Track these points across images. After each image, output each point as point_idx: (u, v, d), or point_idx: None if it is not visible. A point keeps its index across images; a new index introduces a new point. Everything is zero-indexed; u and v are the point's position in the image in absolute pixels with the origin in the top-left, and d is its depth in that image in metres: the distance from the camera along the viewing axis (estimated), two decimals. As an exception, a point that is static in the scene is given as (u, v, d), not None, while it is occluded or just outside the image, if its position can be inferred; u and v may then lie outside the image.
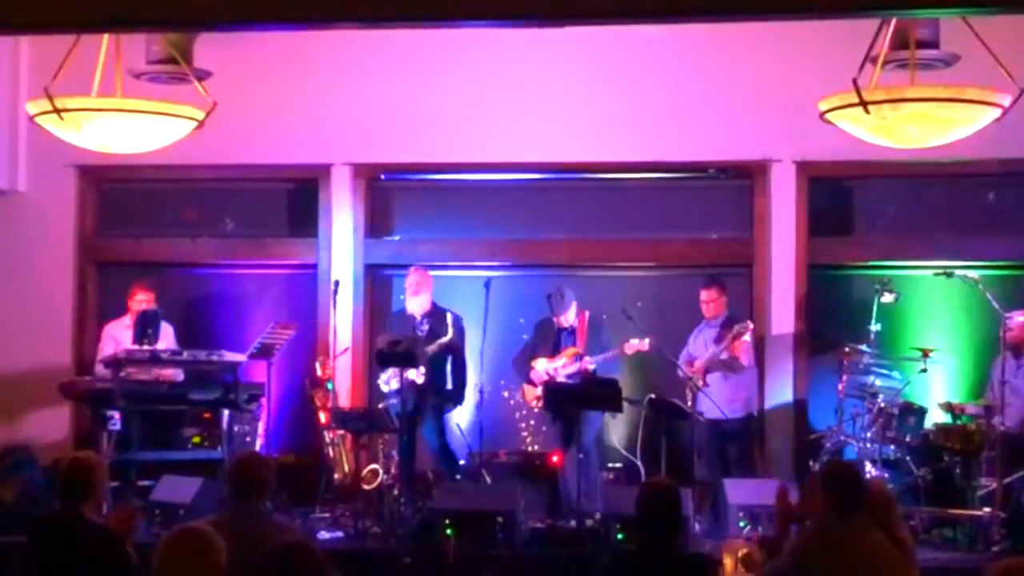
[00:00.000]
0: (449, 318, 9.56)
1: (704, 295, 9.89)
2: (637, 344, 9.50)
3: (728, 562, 6.78)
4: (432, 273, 10.09)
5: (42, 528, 6.05)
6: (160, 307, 10.10)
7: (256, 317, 10.81)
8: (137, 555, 5.81)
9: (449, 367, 9.69)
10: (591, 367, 9.54)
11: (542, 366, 9.72)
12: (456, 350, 9.66)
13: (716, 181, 10.68)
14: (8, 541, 7.96)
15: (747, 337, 9.60)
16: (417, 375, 9.47)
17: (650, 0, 5.72)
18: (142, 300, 10.10)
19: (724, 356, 9.63)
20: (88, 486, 5.94)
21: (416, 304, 9.76)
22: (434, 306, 9.78)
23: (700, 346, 9.83)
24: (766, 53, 10.24)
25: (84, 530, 5.81)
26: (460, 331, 9.65)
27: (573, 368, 9.60)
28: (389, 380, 9.60)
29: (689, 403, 9.47)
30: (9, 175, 10.89)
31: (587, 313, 9.77)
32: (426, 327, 9.70)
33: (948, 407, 9.36)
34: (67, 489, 5.96)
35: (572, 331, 9.75)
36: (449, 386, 9.71)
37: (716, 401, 9.55)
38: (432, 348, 9.50)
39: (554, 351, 9.77)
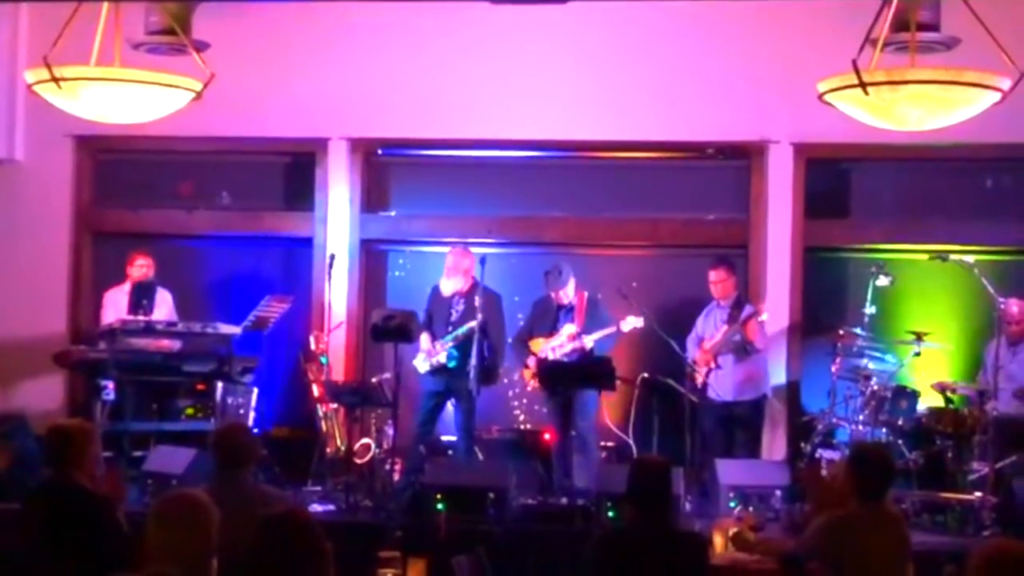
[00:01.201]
0: (478, 301, 9.39)
1: (712, 275, 9.88)
2: (634, 321, 9.48)
3: (718, 540, 6.81)
4: (427, 250, 10.07)
5: (35, 496, 6.06)
6: (156, 277, 10.12)
7: (251, 290, 10.78)
8: (128, 523, 5.82)
9: (484, 347, 9.37)
10: (589, 345, 9.51)
11: (539, 346, 9.69)
12: (487, 331, 9.40)
13: (713, 161, 10.67)
14: (1, 508, 8.01)
15: (763, 317, 9.61)
16: (448, 359, 9.46)
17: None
18: (142, 266, 10.11)
19: (737, 338, 9.64)
20: (78, 453, 5.94)
21: (448, 285, 9.68)
22: (473, 285, 9.62)
23: (710, 327, 9.83)
24: (765, 34, 10.25)
25: (76, 497, 5.82)
26: (493, 310, 9.49)
27: (570, 347, 9.57)
28: (421, 364, 9.58)
29: (700, 384, 9.49)
30: (6, 144, 10.88)
31: (586, 292, 9.72)
32: (461, 307, 9.62)
33: (940, 387, 9.37)
34: (57, 456, 5.97)
35: (571, 309, 9.68)
36: (481, 365, 9.39)
37: (728, 384, 9.57)
38: (461, 332, 9.45)
39: (552, 330, 9.73)
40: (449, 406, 9.76)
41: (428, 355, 9.54)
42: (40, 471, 8.76)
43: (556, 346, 9.58)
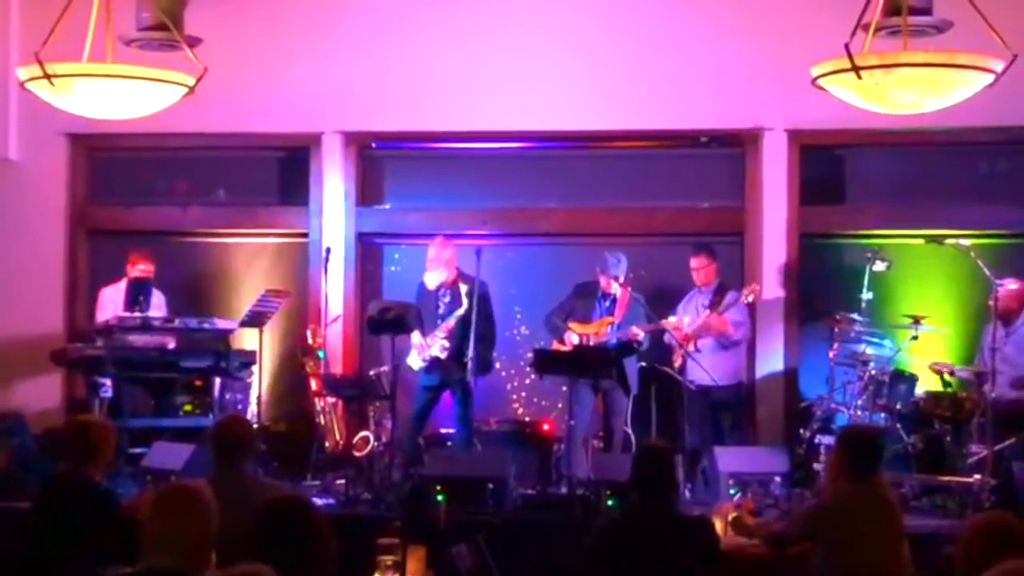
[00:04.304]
0: (464, 289, 9.44)
1: (694, 262, 9.89)
2: (675, 321, 9.50)
3: (718, 525, 6.81)
4: (423, 243, 10.06)
5: (47, 488, 6.10)
6: (151, 275, 10.12)
7: (247, 285, 10.81)
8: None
9: (472, 337, 9.38)
10: (640, 335, 9.45)
11: (578, 331, 9.62)
12: (474, 321, 9.37)
13: (708, 149, 10.67)
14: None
15: (749, 299, 9.57)
16: (440, 351, 9.47)
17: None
18: (143, 270, 10.07)
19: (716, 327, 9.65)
20: (96, 449, 5.99)
21: (432, 278, 9.69)
22: (458, 276, 9.65)
23: (691, 312, 9.83)
24: (758, 21, 10.26)
25: (89, 491, 5.85)
26: (480, 299, 9.42)
27: (605, 338, 9.52)
28: (414, 360, 9.61)
29: (677, 367, 9.50)
30: (0, 143, 10.87)
31: (630, 288, 9.64)
32: (448, 299, 9.64)
33: (938, 368, 9.38)
34: (74, 450, 6.01)
35: (613, 300, 9.64)
36: (471, 356, 9.38)
37: (708, 368, 9.55)
38: (450, 322, 9.49)
39: (586, 316, 9.66)
40: (445, 398, 9.77)
41: (420, 350, 9.55)
42: (37, 469, 8.80)
43: (591, 333, 9.56)
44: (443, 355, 9.50)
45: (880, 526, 5.92)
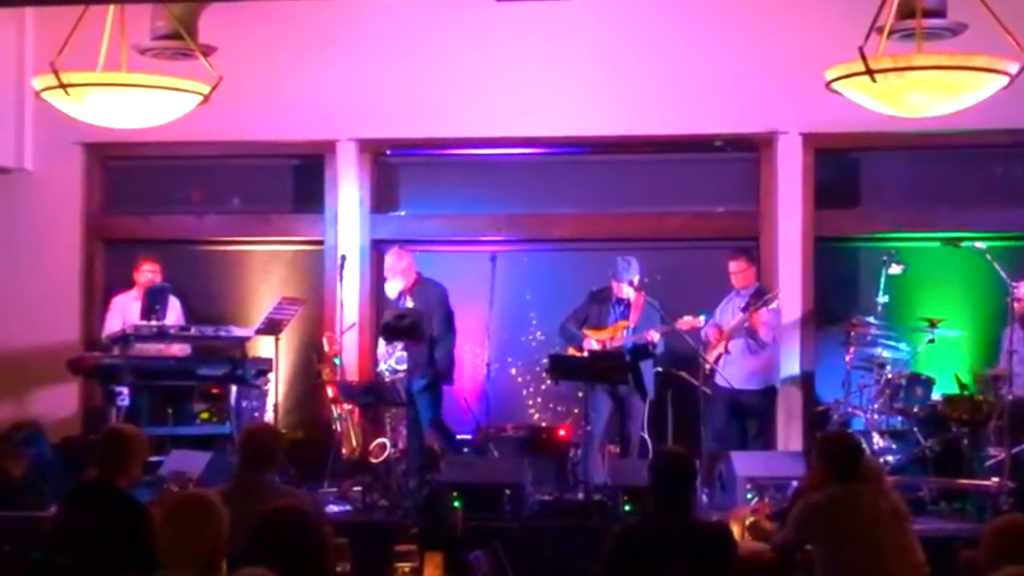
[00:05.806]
0: (410, 302, 9.59)
1: (733, 266, 9.88)
2: (691, 321, 9.47)
3: (735, 530, 6.79)
4: (438, 249, 10.09)
5: (77, 495, 6.13)
6: (168, 282, 10.14)
7: (263, 293, 10.83)
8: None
9: (428, 344, 9.54)
10: (656, 337, 9.44)
11: (594, 337, 9.62)
12: (424, 328, 9.48)
13: (723, 154, 10.66)
14: (16, 515, 8.05)
15: (774, 305, 9.56)
16: (397, 361, 9.55)
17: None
18: (148, 271, 10.15)
19: (748, 325, 9.64)
20: (128, 459, 6.00)
21: (391, 287, 9.80)
22: (416, 283, 9.74)
23: (728, 315, 9.82)
24: (772, 25, 10.26)
25: (118, 500, 5.87)
26: (435, 302, 9.60)
27: (620, 342, 9.51)
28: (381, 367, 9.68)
29: (708, 368, 9.47)
30: (16, 153, 10.91)
31: (644, 292, 9.65)
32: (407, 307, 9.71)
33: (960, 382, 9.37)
34: (107, 459, 6.03)
35: (627, 305, 9.64)
36: (430, 363, 9.56)
37: (737, 372, 9.56)
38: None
39: (601, 322, 9.66)
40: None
41: (382, 359, 9.61)
42: (55, 478, 8.83)
43: (606, 339, 9.55)
44: (400, 366, 9.54)
45: (875, 529, 5.92)
